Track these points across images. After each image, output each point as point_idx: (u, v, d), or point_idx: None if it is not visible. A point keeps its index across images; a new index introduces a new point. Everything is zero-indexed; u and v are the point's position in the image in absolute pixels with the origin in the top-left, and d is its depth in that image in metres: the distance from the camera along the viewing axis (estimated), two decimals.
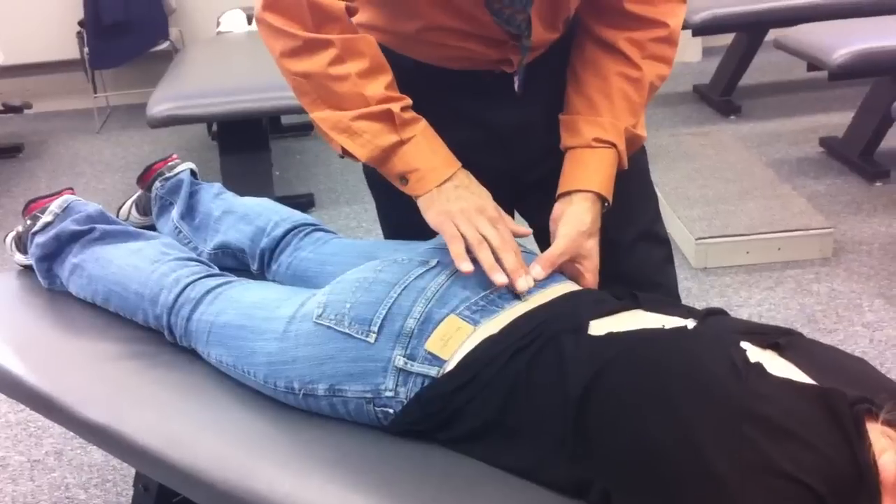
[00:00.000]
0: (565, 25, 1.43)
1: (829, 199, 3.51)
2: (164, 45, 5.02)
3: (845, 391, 1.02)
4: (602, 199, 1.40)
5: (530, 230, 1.38)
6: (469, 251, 1.27)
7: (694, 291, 2.82)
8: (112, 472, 2.17)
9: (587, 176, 1.41)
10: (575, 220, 1.37)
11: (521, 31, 1.36)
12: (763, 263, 3.01)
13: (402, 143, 1.31)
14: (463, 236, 1.27)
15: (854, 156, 3.76)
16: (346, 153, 1.33)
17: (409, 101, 1.33)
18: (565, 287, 1.32)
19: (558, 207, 1.40)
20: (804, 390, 1.03)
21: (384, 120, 1.30)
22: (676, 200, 3.28)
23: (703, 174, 3.51)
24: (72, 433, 1.61)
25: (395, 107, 1.30)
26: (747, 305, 2.75)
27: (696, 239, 3.03)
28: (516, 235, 1.34)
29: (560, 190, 1.41)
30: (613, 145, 1.42)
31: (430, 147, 1.34)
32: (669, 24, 1.41)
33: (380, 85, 1.31)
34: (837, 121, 4.00)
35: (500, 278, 1.25)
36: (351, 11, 1.30)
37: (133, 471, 1.85)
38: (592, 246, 1.38)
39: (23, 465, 2.23)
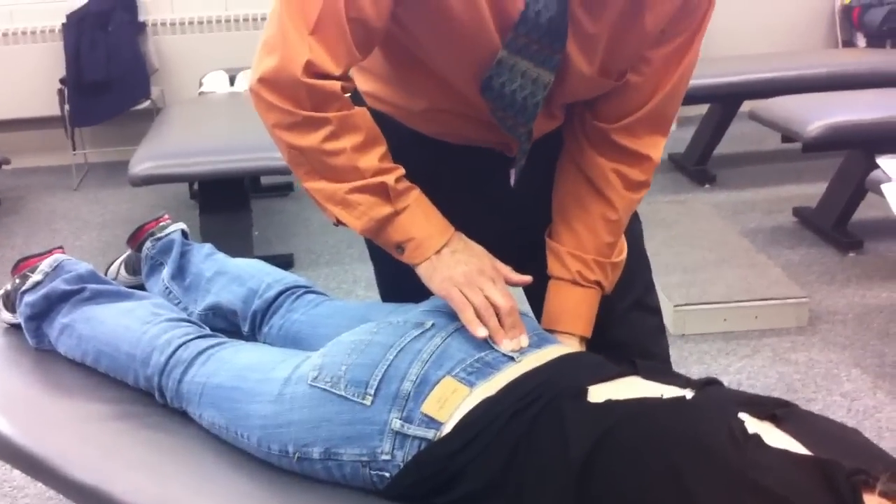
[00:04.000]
0: (563, 112, 1.45)
1: (804, 268, 3.55)
2: (145, 104, 5.03)
3: (842, 462, 1.03)
4: (585, 338, 1.45)
5: (529, 277, 1.39)
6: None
7: (673, 358, 2.80)
8: None
9: (571, 319, 1.46)
10: None
11: (521, 138, 1.39)
12: (740, 331, 3.04)
13: (396, 213, 1.33)
14: (471, 304, 1.29)
15: (827, 226, 3.82)
16: (340, 223, 1.34)
17: (402, 171, 1.34)
18: (561, 349, 1.33)
19: None
20: (802, 462, 1.04)
21: (378, 192, 1.31)
22: (654, 268, 3.27)
23: (680, 242, 3.56)
24: (50, 494, 1.59)
25: (390, 178, 1.32)
26: (727, 373, 2.77)
27: (675, 306, 3.06)
28: (515, 284, 1.36)
29: (544, 325, 1.45)
30: (599, 284, 1.46)
31: (425, 215, 1.36)
32: (653, 157, 1.45)
33: (374, 157, 1.32)
34: (811, 191, 4.07)
35: (507, 345, 1.27)
36: (346, 90, 1.30)
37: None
38: None
39: None
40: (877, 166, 2.97)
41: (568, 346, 1.40)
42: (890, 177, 2.87)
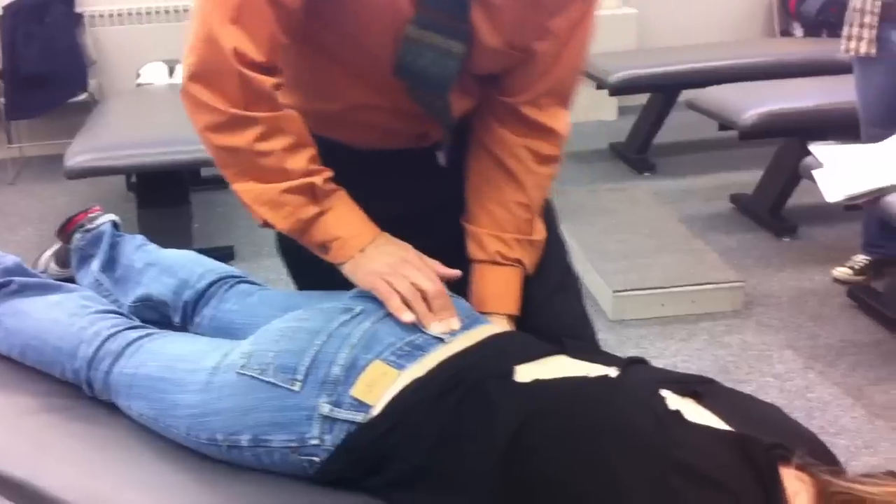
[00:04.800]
0: (478, 90, 1.47)
1: (740, 253, 3.62)
2: (82, 97, 4.95)
3: (761, 437, 1.06)
4: (514, 317, 1.47)
5: (458, 272, 1.41)
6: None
7: (611, 343, 2.87)
8: None
9: (497, 299, 1.47)
10: None
11: (440, 113, 1.40)
12: (678, 316, 3.09)
13: (321, 213, 1.34)
14: (397, 291, 1.30)
15: (763, 212, 3.89)
16: (266, 224, 1.35)
17: (330, 173, 1.36)
18: (491, 329, 1.35)
19: None
20: (722, 437, 1.07)
21: (306, 193, 1.33)
22: (594, 254, 3.35)
23: (620, 229, 3.60)
24: None
25: (318, 179, 1.33)
26: (663, 357, 2.81)
27: (614, 292, 3.10)
28: (445, 278, 1.37)
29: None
30: (520, 262, 1.48)
31: (350, 215, 1.37)
32: (559, 130, 1.49)
33: (302, 159, 1.33)
34: (747, 178, 4.15)
35: (436, 328, 1.28)
36: (277, 88, 1.31)
37: None
38: None
39: None
40: (809, 153, 3.02)
41: (498, 326, 1.41)
42: (821, 163, 2.92)
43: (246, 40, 1.24)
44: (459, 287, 1.43)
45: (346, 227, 1.36)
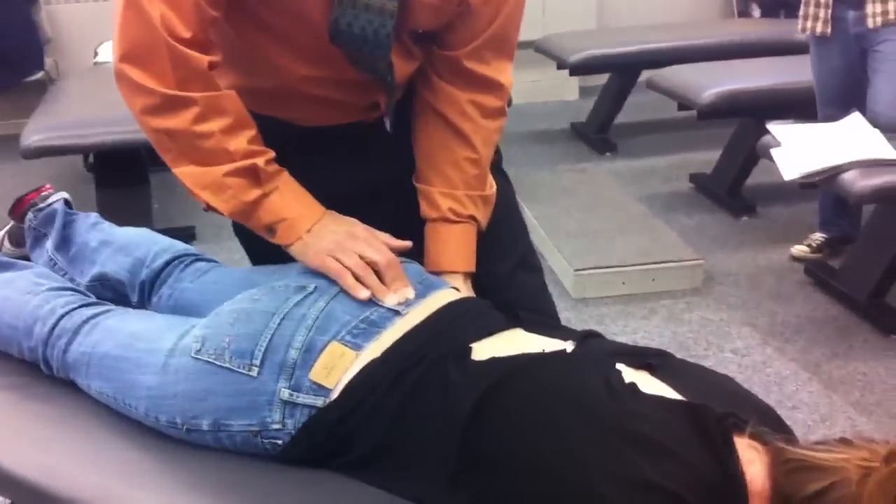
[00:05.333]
0: (420, 48, 1.47)
1: (699, 232, 3.65)
2: (38, 76, 4.88)
3: (714, 407, 1.07)
4: (469, 274, 1.47)
5: (409, 243, 1.40)
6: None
7: (573, 321, 2.88)
8: None
9: (451, 257, 1.47)
10: None
11: (384, 76, 1.40)
12: (638, 294, 3.11)
13: (265, 195, 1.33)
14: (348, 268, 1.30)
15: (722, 192, 3.93)
16: (210, 208, 1.34)
17: (272, 154, 1.34)
18: (447, 296, 1.34)
19: None
20: (675, 407, 1.08)
21: (248, 175, 1.31)
22: (555, 233, 3.36)
23: (581, 208, 3.62)
24: None
25: (260, 161, 1.32)
26: (624, 334, 2.84)
27: (575, 270, 3.11)
28: (395, 249, 1.37)
29: (427, 268, 1.45)
30: (473, 218, 1.48)
31: (295, 196, 1.36)
32: (503, 82, 1.48)
33: (243, 140, 1.31)
34: (706, 158, 4.18)
35: (392, 300, 1.28)
36: (213, 66, 1.29)
37: None
38: None
39: None
40: (767, 132, 3.05)
41: (453, 285, 1.42)
42: (779, 142, 2.95)
43: (172, 14, 1.22)
44: (412, 258, 1.42)
45: (291, 208, 1.35)
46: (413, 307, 1.29)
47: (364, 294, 1.28)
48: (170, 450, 1.26)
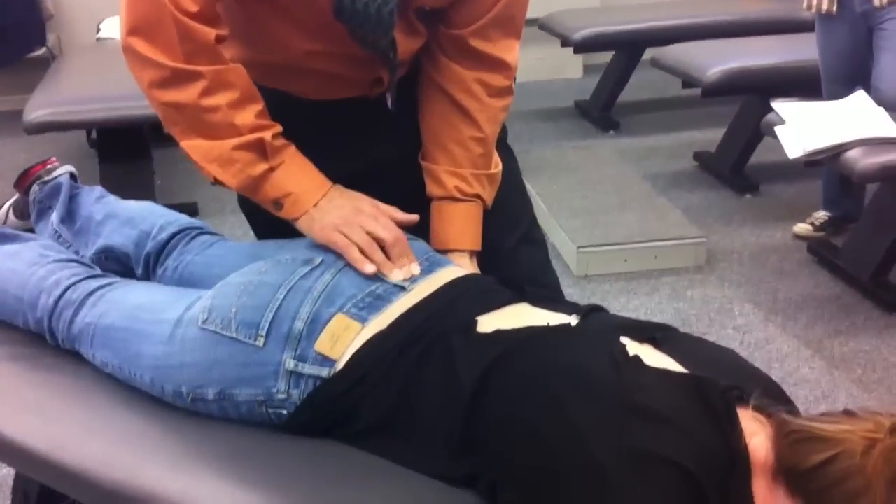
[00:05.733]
0: (426, 26, 1.46)
1: (703, 210, 3.65)
2: (40, 52, 4.86)
3: (717, 380, 1.08)
4: (475, 252, 1.47)
5: (416, 216, 1.40)
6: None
7: (575, 298, 2.88)
8: None
9: (457, 235, 1.47)
10: None
11: (386, 53, 1.39)
12: (641, 271, 3.12)
13: (272, 169, 1.33)
14: (354, 243, 1.30)
15: (726, 170, 3.92)
16: (217, 181, 1.34)
17: (279, 128, 1.35)
18: (452, 272, 1.35)
19: None
20: (679, 380, 1.09)
21: (255, 149, 1.32)
22: (559, 211, 3.36)
23: (584, 186, 3.61)
24: None
25: (267, 135, 1.32)
26: (626, 310, 2.84)
27: (578, 248, 3.12)
28: (402, 223, 1.37)
29: (433, 246, 1.45)
30: (479, 196, 1.48)
31: (302, 170, 1.36)
32: (509, 62, 1.48)
33: (249, 114, 1.32)
34: (710, 136, 4.17)
35: (397, 275, 1.28)
36: (220, 40, 1.30)
37: (10, 481, 1.79)
38: None
39: None
40: (772, 110, 3.05)
41: (459, 264, 1.42)
42: (784, 119, 2.94)
43: None
44: (418, 234, 1.42)
45: (297, 182, 1.35)
46: (418, 283, 1.29)
47: (370, 269, 1.28)
48: (176, 419, 1.27)
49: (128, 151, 3.57)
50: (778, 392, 1.16)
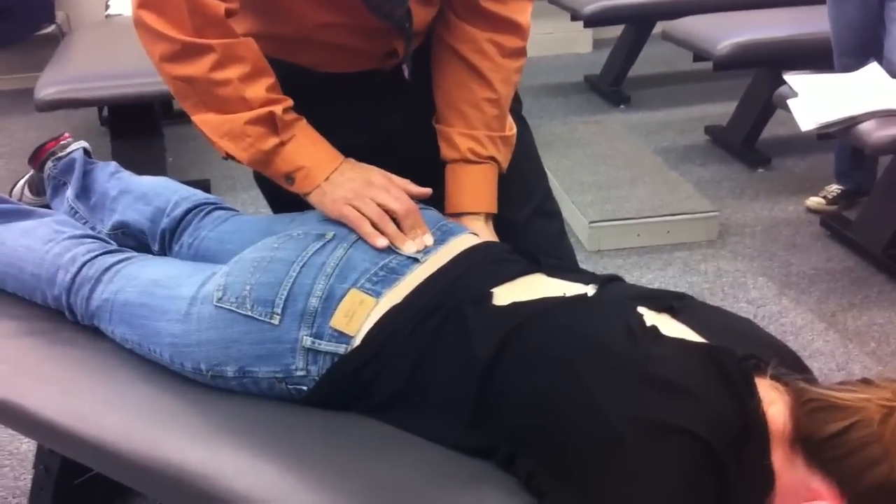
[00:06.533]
0: None
1: (715, 184, 3.64)
2: (49, 29, 4.86)
3: (734, 349, 1.08)
4: (490, 214, 1.46)
5: (428, 189, 1.40)
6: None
7: None
8: (9, 457, 2.10)
9: (473, 198, 1.47)
10: None
11: (402, 23, 1.39)
12: (653, 245, 3.11)
13: (282, 143, 1.33)
14: (365, 216, 1.30)
15: (737, 144, 3.91)
16: (229, 156, 1.34)
17: (290, 102, 1.34)
18: (466, 241, 1.34)
19: None
20: (696, 349, 1.09)
21: (266, 123, 1.31)
22: (570, 186, 3.36)
23: (595, 161, 3.60)
24: None
25: (277, 109, 1.31)
26: (639, 285, 2.84)
27: (590, 223, 3.11)
28: (415, 196, 1.37)
29: (448, 210, 1.45)
30: (493, 159, 1.47)
31: (313, 144, 1.36)
32: (522, 23, 1.48)
33: (261, 87, 1.31)
34: (722, 110, 4.15)
35: (410, 247, 1.28)
36: (230, 13, 1.30)
37: (31, 455, 1.81)
38: None
39: None
40: (784, 83, 3.03)
41: (474, 228, 1.42)
42: (796, 92, 2.93)
43: None
44: (432, 206, 1.42)
45: (308, 156, 1.35)
46: (432, 254, 1.29)
47: (382, 242, 1.28)
48: (195, 392, 1.28)
49: (139, 128, 3.57)
50: (795, 361, 1.16)
